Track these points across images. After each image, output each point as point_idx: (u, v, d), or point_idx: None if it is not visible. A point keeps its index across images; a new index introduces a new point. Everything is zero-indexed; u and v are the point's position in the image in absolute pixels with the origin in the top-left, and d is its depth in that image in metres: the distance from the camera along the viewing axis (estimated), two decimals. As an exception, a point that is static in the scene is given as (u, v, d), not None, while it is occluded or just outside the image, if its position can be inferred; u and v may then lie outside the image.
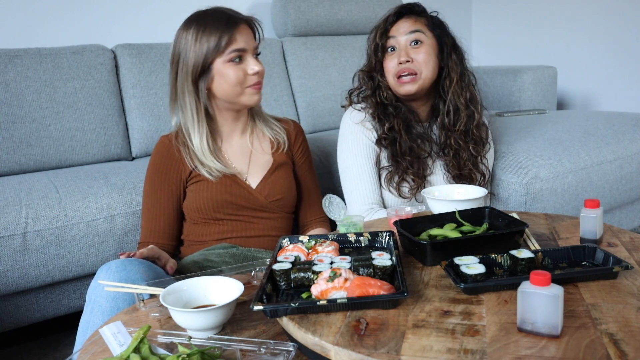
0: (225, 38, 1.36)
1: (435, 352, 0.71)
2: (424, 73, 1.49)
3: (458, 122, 1.54)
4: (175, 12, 2.49)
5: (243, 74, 1.39)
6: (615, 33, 3.10)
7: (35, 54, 1.99)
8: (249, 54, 1.40)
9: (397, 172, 1.52)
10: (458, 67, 1.52)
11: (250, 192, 1.45)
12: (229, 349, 0.82)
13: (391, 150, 1.53)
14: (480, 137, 1.58)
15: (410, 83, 1.49)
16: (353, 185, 1.55)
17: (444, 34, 1.53)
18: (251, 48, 1.40)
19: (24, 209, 1.56)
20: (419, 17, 1.54)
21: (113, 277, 1.09)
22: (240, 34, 1.38)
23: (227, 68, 1.37)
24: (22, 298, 1.62)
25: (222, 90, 1.40)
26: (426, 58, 1.49)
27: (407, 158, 1.51)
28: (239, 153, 1.50)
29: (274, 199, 1.47)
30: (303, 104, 2.53)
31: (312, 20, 2.63)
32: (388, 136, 1.53)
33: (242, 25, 1.39)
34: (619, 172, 2.01)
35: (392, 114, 1.54)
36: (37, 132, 1.93)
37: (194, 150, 1.43)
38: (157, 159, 1.47)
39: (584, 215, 1.09)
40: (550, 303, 0.73)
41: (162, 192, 1.45)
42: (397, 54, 1.51)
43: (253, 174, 1.49)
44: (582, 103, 3.31)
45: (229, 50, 1.36)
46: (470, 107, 1.54)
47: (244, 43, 1.38)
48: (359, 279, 0.86)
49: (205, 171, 1.42)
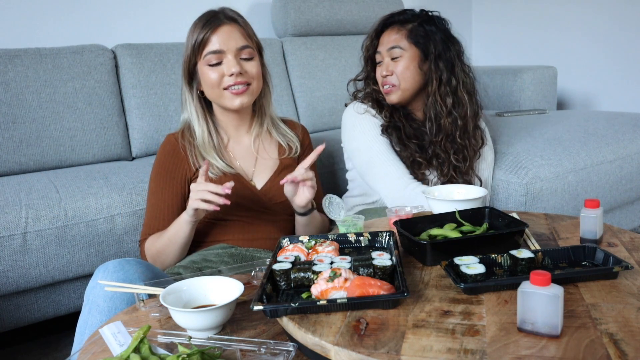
0: (201, 39, 1.36)
1: (435, 352, 0.71)
2: (402, 85, 1.56)
3: (440, 131, 1.56)
4: (175, 12, 2.50)
5: (219, 76, 1.37)
6: (615, 33, 3.10)
7: (35, 54, 1.99)
8: (229, 55, 1.37)
9: (407, 154, 1.56)
10: (443, 74, 1.53)
11: (254, 193, 1.45)
12: (229, 349, 0.82)
13: (396, 135, 1.57)
14: (464, 145, 1.57)
15: (391, 94, 1.58)
16: (382, 169, 1.56)
17: (427, 43, 1.54)
18: (232, 49, 1.37)
19: (24, 209, 1.56)
20: (401, 27, 1.57)
21: (111, 277, 1.09)
22: (218, 35, 1.36)
23: (206, 70, 1.38)
24: (22, 298, 1.62)
25: (207, 92, 1.42)
26: (403, 71, 1.55)
27: (414, 142, 1.56)
28: (245, 153, 1.50)
29: (277, 201, 1.46)
30: (303, 104, 2.53)
31: (312, 20, 2.63)
32: (391, 123, 1.58)
33: (223, 26, 1.37)
34: (619, 172, 2.01)
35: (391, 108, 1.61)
36: (37, 132, 1.93)
37: (197, 146, 1.44)
38: (163, 157, 1.47)
39: (584, 215, 1.09)
40: (550, 303, 0.73)
41: (167, 191, 1.44)
42: (381, 66, 1.60)
43: (258, 175, 1.48)
44: (582, 103, 3.31)
45: (204, 53, 1.36)
46: (453, 113, 1.55)
47: (220, 44, 1.36)
48: (359, 279, 0.86)
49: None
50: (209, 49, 1.36)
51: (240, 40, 1.39)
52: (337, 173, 2.00)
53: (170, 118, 2.16)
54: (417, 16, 1.58)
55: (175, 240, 1.37)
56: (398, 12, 1.61)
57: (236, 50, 1.37)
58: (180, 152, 1.45)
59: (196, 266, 1.34)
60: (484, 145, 1.65)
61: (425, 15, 1.58)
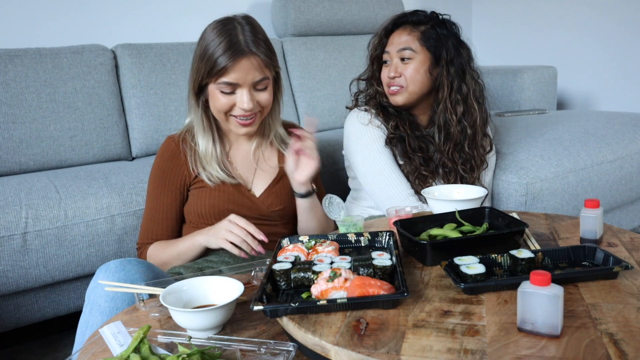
0: (219, 68, 1.29)
1: (435, 352, 0.71)
2: (410, 88, 1.53)
3: (448, 140, 1.54)
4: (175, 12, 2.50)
5: (230, 105, 1.33)
6: (615, 33, 3.10)
7: (35, 54, 1.99)
8: (244, 88, 1.31)
9: (411, 168, 1.54)
10: (454, 80, 1.52)
11: (253, 202, 1.43)
12: (229, 349, 0.82)
13: (401, 147, 1.55)
14: (472, 155, 1.56)
15: (398, 95, 1.55)
16: (387, 179, 1.54)
17: (440, 47, 1.52)
18: (248, 82, 1.31)
19: (24, 209, 1.56)
20: (414, 28, 1.54)
21: (112, 277, 1.09)
22: (237, 67, 1.29)
23: (217, 95, 1.33)
24: (22, 298, 1.62)
25: (214, 112, 1.38)
26: (413, 74, 1.52)
27: (419, 154, 1.54)
28: (246, 160, 1.48)
29: (276, 209, 1.45)
30: (303, 104, 2.53)
31: (312, 20, 2.63)
32: (395, 134, 1.55)
33: (243, 60, 1.29)
34: (619, 172, 2.01)
35: (394, 115, 1.58)
36: (37, 132, 1.93)
37: (199, 153, 1.41)
38: (162, 161, 1.44)
39: (584, 215, 1.09)
40: (550, 303, 0.73)
41: (166, 195, 1.43)
42: (389, 66, 1.56)
43: (258, 183, 1.46)
44: (582, 103, 3.31)
45: (219, 81, 1.31)
46: (463, 121, 1.54)
47: (237, 78, 1.30)
48: (359, 279, 0.86)
49: (205, 176, 1.40)
50: (225, 79, 1.30)
51: (258, 73, 1.32)
52: (337, 173, 2.00)
53: (170, 118, 2.16)
54: (429, 18, 1.55)
55: (185, 258, 1.36)
56: (410, 12, 1.58)
57: (252, 83, 1.32)
58: (180, 157, 1.43)
59: (197, 266, 1.34)
60: (491, 151, 1.63)
61: (437, 18, 1.56)
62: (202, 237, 1.32)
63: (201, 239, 1.32)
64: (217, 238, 1.28)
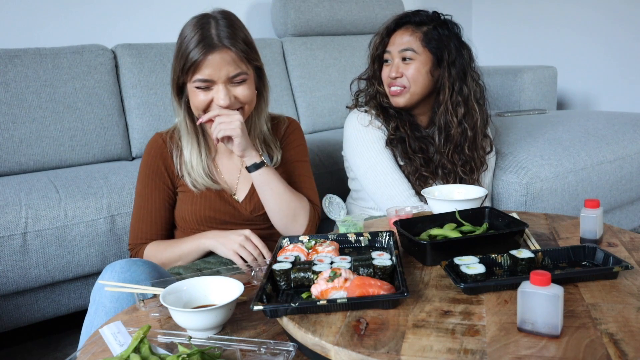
0: (190, 63, 1.24)
1: (435, 352, 0.71)
2: (412, 88, 1.53)
3: (448, 142, 1.54)
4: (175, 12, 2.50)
5: (207, 102, 1.28)
6: (615, 33, 3.10)
7: (35, 54, 1.99)
8: (219, 84, 1.26)
9: (412, 168, 1.54)
10: (455, 82, 1.52)
11: (235, 208, 1.40)
12: (229, 349, 0.82)
13: (402, 148, 1.55)
14: (472, 157, 1.56)
15: (399, 95, 1.55)
16: (388, 180, 1.54)
17: (441, 48, 1.51)
18: (223, 78, 1.26)
19: (24, 209, 1.56)
20: (416, 29, 1.53)
21: (118, 277, 1.08)
22: (209, 62, 1.24)
23: (194, 92, 1.29)
24: (22, 298, 1.62)
25: (194, 110, 1.33)
26: (415, 74, 1.52)
27: (419, 155, 1.54)
28: (231, 162, 1.45)
29: (259, 213, 1.41)
30: (303, 104, 2.53)
31: (312, 20, 2.63)
32: (395, 135, 1.55)
33: (215, 54, 1.24)
34: (619, 172, 2.01)
35: (395, 116, 1.58)
36: (37, 132, 1.93)
37: (184, 157, 1.39)
38: (149, 158, 1.42)
39: (584, 215, 1.09)
40: (550, 303, 0.73)
41: (155, 195, 1.40)
42: (390, 66, 1.56)
43: (242, 188, 1.43)
44: (582, 103, 3.31)
45: (194, 79, 1.26)
46: (463, 123, 1.54)
47: (210, 74, 1.25)
48: (359, 279, 0.86)
49: (189, 181, 1.37)
50: (198, 76, 1.25)
51: (233, 68, 1.27)
52: (337, 173, 2.00)
53: (170, 118, 2.16)
54: (432, 19, 1.55)
55: (187, 259, 1.35)
56: (412, 12, 1.58)
57: (227, 78, 1.27)
58: (167, 155, 1.40)
59: (196, 267, 1.34)
60: (490, 152, 1.63)
61: (439, 19, 1.56)
62: (210, 242, 1.31)
63: (208, 243, 1.31)
64: (228, 249, 1.28)
